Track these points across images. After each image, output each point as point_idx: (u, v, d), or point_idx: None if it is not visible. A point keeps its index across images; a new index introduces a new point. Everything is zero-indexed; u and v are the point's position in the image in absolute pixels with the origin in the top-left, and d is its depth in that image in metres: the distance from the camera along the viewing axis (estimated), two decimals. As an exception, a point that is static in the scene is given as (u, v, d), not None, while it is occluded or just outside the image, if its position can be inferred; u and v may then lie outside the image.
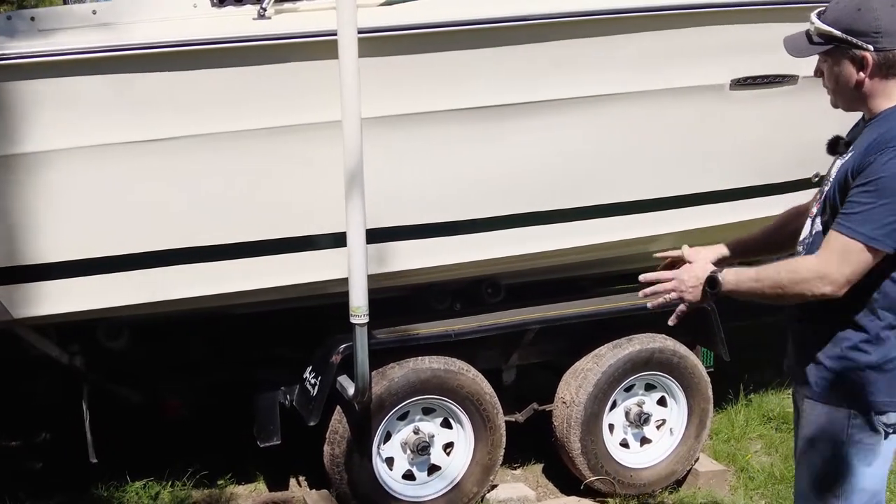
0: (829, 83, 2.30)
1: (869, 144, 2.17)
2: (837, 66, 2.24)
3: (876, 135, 2.18)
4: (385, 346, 3.64)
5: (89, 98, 2.97)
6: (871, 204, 2.12)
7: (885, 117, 2.22)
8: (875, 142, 2.16)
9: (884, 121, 2.21)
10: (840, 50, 2.21)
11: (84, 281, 3.12)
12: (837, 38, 2.20)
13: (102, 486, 3.85)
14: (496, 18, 3.35)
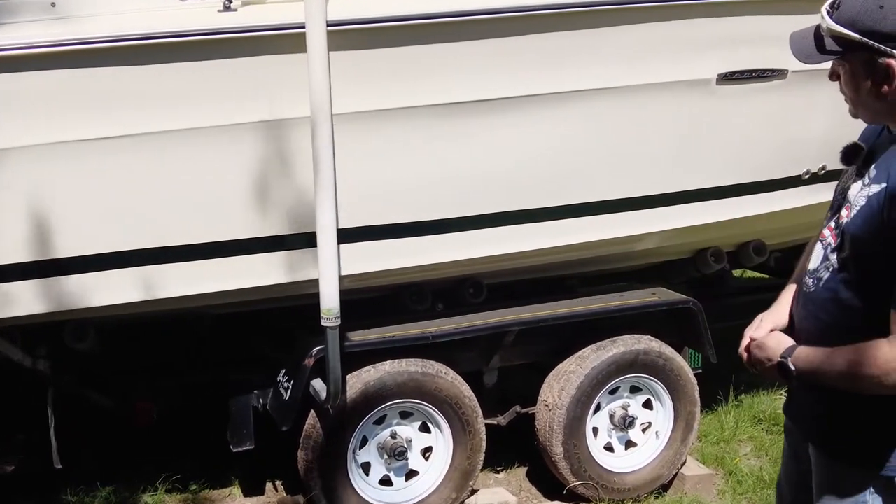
0: (847, 91, 1.98)
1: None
2: (856, 74, 1.92)
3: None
4: (359, 348, 3.54)
5: (47, 94, 2.86)
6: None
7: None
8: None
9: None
10: (860, 55, 1.89)
11: (39, 283, 3.02)
12: (856, 43, 1.87)
13: (70, 492, 3.75)
14: (474, 11, 3.25)
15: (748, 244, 4.51)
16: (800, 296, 2.18)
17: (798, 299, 2.19)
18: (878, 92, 1.90)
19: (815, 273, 2.09)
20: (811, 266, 2.12)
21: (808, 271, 2.14)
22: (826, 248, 2.07)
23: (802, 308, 2.16)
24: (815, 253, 2.13)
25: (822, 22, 1.93)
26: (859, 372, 1.88)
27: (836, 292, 2.01)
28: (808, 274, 2.13)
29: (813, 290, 2.09)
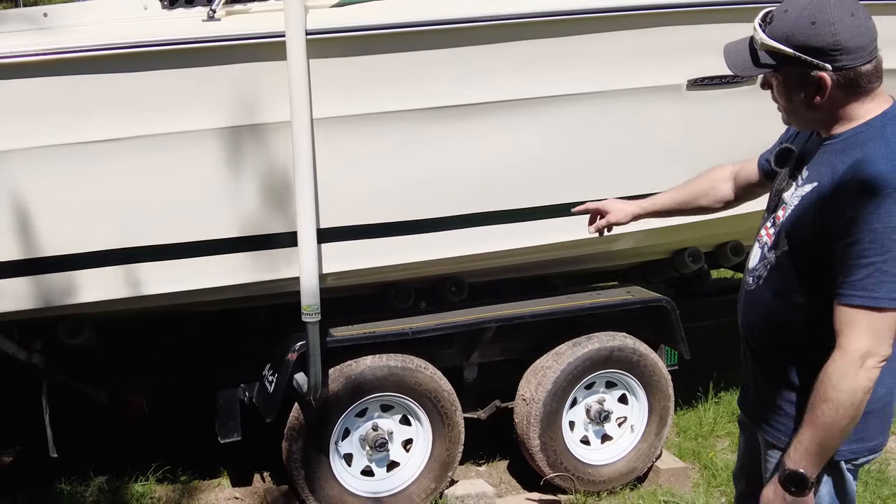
0: (780, 101, 2.08)
1: (839, 184, 1.97)
2: (790, 85, 2.02)
3: (842, 169, 1.98)
4: (341, 343, 3.68)
5: (38, 100, 3.01)
6: (870, 260, 1.89)
7: (847, 142, 2.02)
8: (844, 183, 1.95)
9: (846, 146, 2.01)
10: (793, 68, 1.98)
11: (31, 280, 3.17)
12: (789, 57, 1.96)
13: (65, 481, 3.89)
14: (451, 20, 3.38)
15: (725, 245, 4.64)
16: (742, 294, 2.31)
17: (740, 298, 2.32)
18: (811, 102, 2.01)
19: (755, 271, 2.21)
20: (751, 265, 2.24)
21: (748, 270, 2.26)
22: (763, 247, 2.20)
23: (745, 306, 2.29)
24: (753, 253, 2.25)
25: (755, 35, 2.02)
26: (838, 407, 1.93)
27: (776, 288, 2.14)
28: (748, 273, 2.25)
29: (754, 287, 2.22)
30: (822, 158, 2.06)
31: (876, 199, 1.88)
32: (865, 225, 1.89)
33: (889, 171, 1.92)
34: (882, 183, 1.89)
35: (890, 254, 1.89)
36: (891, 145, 1.97)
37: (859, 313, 1.91)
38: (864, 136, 2.00)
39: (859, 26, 1.95)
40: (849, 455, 2.15)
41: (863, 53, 1.95)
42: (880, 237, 1.88)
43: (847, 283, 1.92)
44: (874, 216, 1.88)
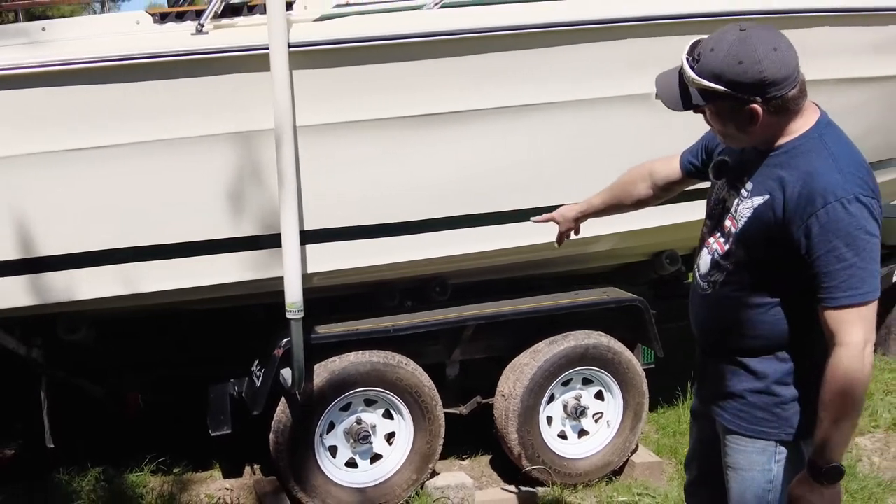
0: (714, 126, 2.22)
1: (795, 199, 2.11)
2: (723, 116, 2.16)
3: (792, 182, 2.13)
4: (326, 340, 3.86)
5: (38, 109, 3.20)
6: (848, 263, 2.07)
7: (790, 154, 2.17)
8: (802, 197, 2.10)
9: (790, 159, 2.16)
10: (725, 102, 2.11)
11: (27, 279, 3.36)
12: (721, 94, 2.09)
13: (63, 472, 4.08)
14: (427, 33, 3.56)
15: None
16: (695, 298, 2.48)
17: (693, 301, 2.49)
18: (745, 129, 2.15)
19: (709, 276, 2.37)
20: (703, 271, 2.40)
21: (700, 275, 2.42)
22: (713, 254, 2.36)
23: (700, 309, 2.45)
24: (702, 259, 2.41)
25: (685, 72, 2.14)
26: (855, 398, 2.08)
27: (736, 292, 2.31)
28: (701, 278, 2.41)
29: (710, 292, 2.38)
30: (767, 171, 2.20)
31: (838, 207, 2.06)
32: (836, 233, 2.06)
33: (842, 180, 2.09)
34: (840, 193, 2.07)
35: (863, 252, 2.07)
36: (835, 156, 2.13)
37: (850, 311, 2.08)
38: (804, 147, 2.16)
39: (783, 58, 2.08)
40: (804, 434, 2.31)
41: (788, 82, 2.10)
42: (852, 240, 2.06)
43: (833, 288, 2.08)
44: (842, 223, 2.06)
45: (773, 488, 2.34)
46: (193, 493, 4.16)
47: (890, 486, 4.35)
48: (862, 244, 2.08)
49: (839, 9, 4.07)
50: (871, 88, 4.30)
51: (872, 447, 4.90)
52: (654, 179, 2.79)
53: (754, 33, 2.09)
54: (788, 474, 2.33)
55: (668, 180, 2.76)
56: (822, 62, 4.09)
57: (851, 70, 4.18)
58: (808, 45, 3.96)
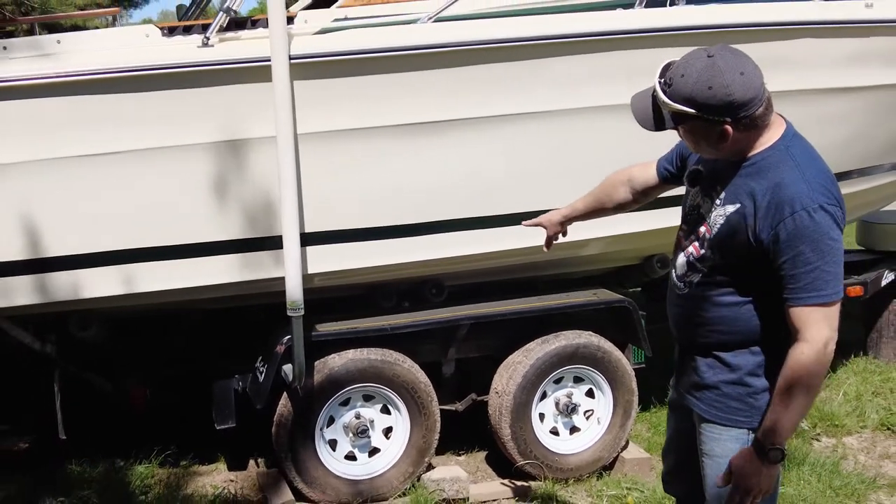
0: (686, 141, 2.41)
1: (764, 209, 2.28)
2: (695, 133, 2.32)
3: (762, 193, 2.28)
4: (325, 338, 4.04)
5: (52, 117, 3.40)
6: (813, 266, 2.23)
7: (758, 167, 2.33)
8: (771, 207, 2.26)
9: (758, 171, 2.32)
10: (697, 122, 2.27)
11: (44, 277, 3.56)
12: (692, 116, 2.25)
13: (74, 463, 4.27)
14: (420, 45, 3.74)
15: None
16: (672, 297, 2.65)
17: (671, 301, 2.67)
18: (716, 145, 2.33)
19: (685, 278, 2.55)
20: (679, 272, 2.59)
21: (677, 276, 2.60)
22: (689, 256, 2.53)
23: (677, 307, 2.63)
24: (679, 261, 2.59)
25: (658, 96, 2.31)
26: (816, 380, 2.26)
27: (710, 292, 2.48)
28: (678, 279, 2.59)
29: (686, 291, 2.56)
30: (739, 181, 2.37)
31: (805, 216, 2.24)
32: (802, 239, 2.23)
33: (808, 190, 2.27)
34: (806, 201, 2.25)
35: (827, 256, 2.24)
36: (801, 167, 2.31)
37: (815, 311, 2.24)
38: (773, 159, 2.34)
39: (749, 81, 2.24)
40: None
41: (755, 102, 2.26)
42: (816, 245, 2.23)
43: (798, 289, 2.25)
44: (808, 230, 2.23)
45: None
46: (199, 484, 4.35)
47: (873, 483, 4.49)
48: (826, 249, 2.25)
49: (820, 21, 4.23)
50: (852, 98, 4.46)
51: (859, 446, 5.03)
52: (633, 185, 2.97)
53: (721, 58, 2.25)
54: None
55: (645, 185, 2.93)
56: (804, 73, 4.26)
57: (833, 80, 4.34)
58: (790, 56, 4.19)
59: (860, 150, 4.77)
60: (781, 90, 4.11)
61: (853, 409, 5.36)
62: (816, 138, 4.41)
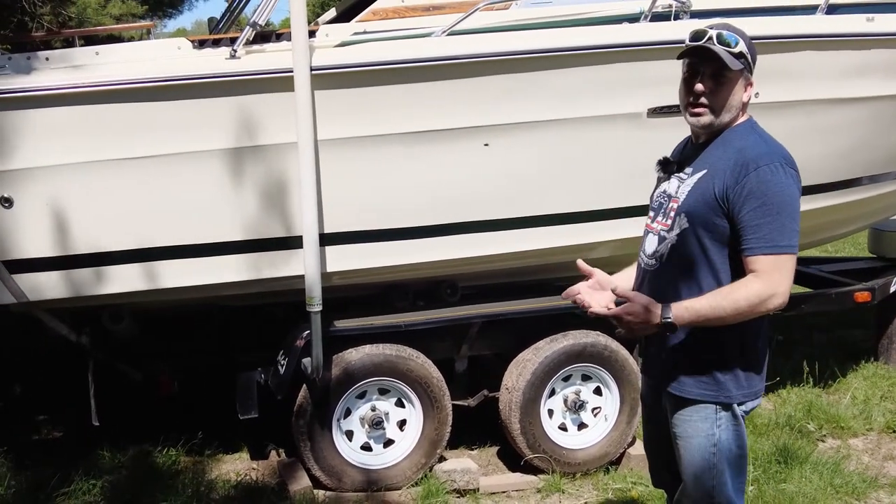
0: (719, 100, 2.57)
1: (731, 167, 2.50)
2: (738, 85, 2.58)
3: (727, 156, 2.54)
4: (343, 333, 4.25)
5: (91, 123, 3.66)
6: (772, 218, 2.44)
7: (724, 139, 2.61)
8: (736, 165, 2.50)
9: (724, 142, 2.60)
10: (742, 71, 2.57)
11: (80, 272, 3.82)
12: (748, 62, 2.57)
13: (105, 449, 4.53)
14: (437, 57, 3.96)
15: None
16: (642, 278, 2.82)
17: (639, 282, 2.84)
18: (740, 99, 2.60)
19: (656, 254, 2.73)
20: (649, 251, 2.77)
21: (646, 255, 2.78)
22: (657, 234, 2.74)
23: (650, 283, 2.78)
24: (647, 242, 2.79)
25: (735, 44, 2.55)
26: (743, 306, 2.46)
27: (681, 259, 2.65)
28: (647, 257, 2.77)
29: (657, 265, 2.73)
30: (706, 154, 2.65)
31: (767, 171, 2.48)
32: (764, 192, 2.46)
33: (767, 151, 2.54)
34: (766, 160, 2.51)
35: (786, 210, 2.47)
36: (762, 136, 2.62)
37: (771, 259, 2.46)
38: (737, 133, 2.62)
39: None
40: (741, 399, 2.69)
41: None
42: (776, 198, 2.46)
43: (758, 238, 2.46)
44: (770, 184, 2.46)
45: (717, 451, 2.70)
46: (223, 470, 4.58)
47: (874, 482, 4.60)
48: (785, 203, 2.47)
49: (822, 34, 4.39)
50: (854, 108, 4.61)
51: (864, 447, 5.15)
52: None
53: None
54: (729, 436, 2.69)
55: None
56: (807, 83, 4.42)
57: (834, 91, 4.49)
58: (793, 67, 4.34)
59: (865, 159, 4.91)
60: (785, 100, 4.35)
61: (860, 412, 5.47)
62: (819, 147, 4.64)
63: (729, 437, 2.70)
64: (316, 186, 3.84)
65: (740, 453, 2.75)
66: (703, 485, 2.73)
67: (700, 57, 2.60)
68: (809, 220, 4.87)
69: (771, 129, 2.72)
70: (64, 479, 4.22)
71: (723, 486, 2.72)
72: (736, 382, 2.67)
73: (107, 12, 8.71)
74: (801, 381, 5.67)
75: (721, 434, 2.70)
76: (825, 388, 5.76)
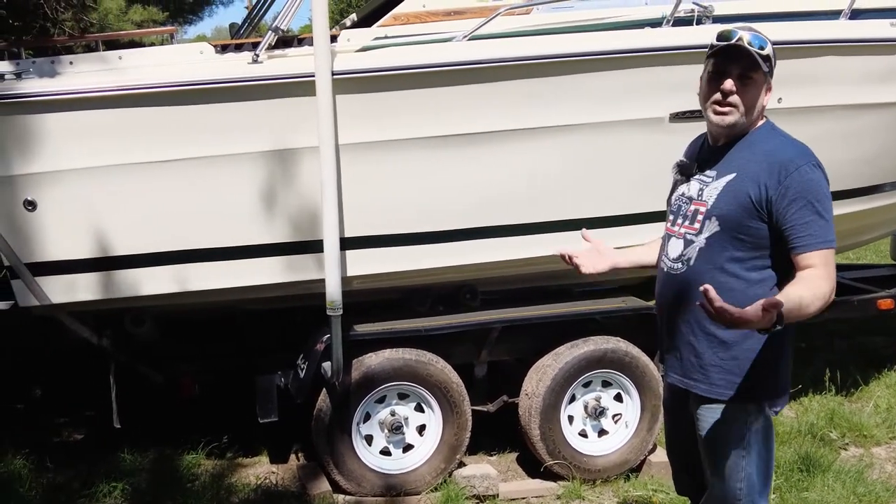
0: (744, 99, 2.59)
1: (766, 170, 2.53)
2: (760, 86, 2.61)
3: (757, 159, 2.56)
4: (363, 337, 4.26)
5: (118, 126, 3.68)
6: (820, 215, 2.50)
7: (747, 142, 2.62)
8: (773, 167, 2.53)
9: (748, 146, 2.61)
10: (766, 75, 2.61)
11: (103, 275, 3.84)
12: (771, 67, 2.61)
13: (126, 451, 4.55)
14: (458, 62, 3.97)
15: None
16: (666, 283, 2.82)
17: (664, 286, 2.83)
18: (761, 102, 2.63)
19: (681, 258, 2.72)
20: (674, 255, 2.75)
21: (671, 259, 2.76)
22: (683, 237, 2.72)
23: (672, 289, 2.79)
24: (671, 246, 2.77)
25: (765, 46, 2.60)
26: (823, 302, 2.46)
27: (711, 263, 2.65)
28: (673, 261, 2.75)
29: (684, 270, 2.72)
30: (730, 157, 2.65)
31: (806, 171, 2.53)
32: (808, 190, 2.50)
33: (800, 152, 2.59)
34: (802, 160, 2.56)
35: (828, 206, 2.52)
36: (786, 137, 2.66)
37: (825, 254, 2.50)
38: (759, 136, 2.65)
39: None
40: (771, 399, 2.70)
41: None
42: (818, 196, 2.51)
43: (808, 236, 2.49)
44: (812, 183, 2.51)
45: (746, 452, 2.69)
46: (243, 474, 4.59)
47: (897, 492, 4.57)
48: (826, 200, 2.54)
49: (845, 39, 4.36)
50: (878, 114, 4.58)
51: (887, 456, 5.10)
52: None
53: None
54: (759, 437, 2.68)
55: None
56: (830, 89, 4.40)
57: (857, 97, 4.47)
58: (816, 73, 4.32)
59: (887, 165, 4.87)
60: (808, 106, 4.33)
61: (883, 420, 5.41)
62: (841, 153, 4.62)
63: (759, 437, 2.70)
64: (337, 190, 3.84)
65: (769, 455, 2.75)
66: (731, 487, 2.73)
67: (728, 57, 2.59)
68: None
69: (793, 134, 2.71)
70: (85, 481, 4.25)
71: (751, 487, 2.72)
72: (765, 382, 2.67)
73: (128, 18, 8.78)
74: (822, 389, 5.62)
75: (752, 435, 2.69)
76: (847, 396, 5.70)
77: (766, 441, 2.72)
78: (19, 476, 4.26)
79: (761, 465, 2.71)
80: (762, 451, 2.72)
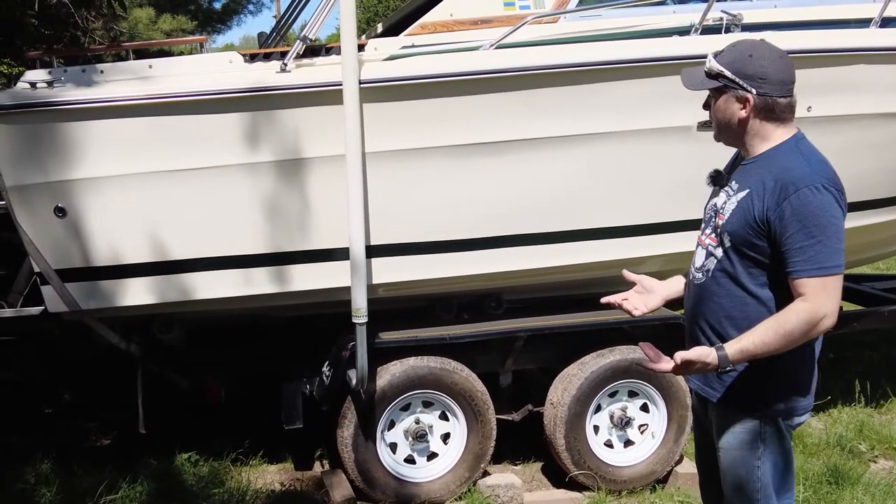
0: (715, 117, 2.64)
1: (770, 189, 2.48)
2: (724, 103, 2.58)
3: (769, 177, 2.50)
4: (388, 345, 4.26)
5: (146, 134, 3.72)
6: (816, 240, 2.42)
7: (768, 158, 2.56)
8: (777, 187, 2.47)
9: (768, 161, 2.55)
10: (729, 89, 2.54)
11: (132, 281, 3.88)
12: (727, 78, 2.53)
13: (153, 456, 4.58)
14: (484, 70, 3.97)
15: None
16: (691, 290, 2.81)
17: (689, 295, 2.83)
18: (738, 118, 2.57)
19: (703, 268, 2.73)
20: (697, 264, 2.76)
21: (695, 268, 2.77)
22: (706, 248, 2.73)
23: (695, 298, 2.78)
24: (697, 255, 2.79)
25: (708, 62, 2.61)
26: (797, 332, 2.45)
27: (723, 277, 2.64)
28: (695, 270, 2.76)
29: (704, 279, 2.72)
30: (748, 171, 2.61)
31: (808, 193, 2.46)
32: (806, 214, 2.43)
33: (810, 172, 2.50)
34: (808, 181, 2.48)
35: (829, 231, 2.44)
36: (805, 155, 2.56)
37: (818, 281, 2.44)
38: (781, 152, 2.57)
39: (785, 68, 2.55)
40: (786, 415, 2.66)
41: (782, 88, 2.54)
42: (818, 220, 2.43)
43: (803, 261, 2.44)
44: (811, 206, 2.44)
45: (761, 464, 2.67)
46: (268, 480, 4.61)
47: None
48: (827, 224, 2.44)
49: (874, 48, 4.32)
50: None
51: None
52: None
53: (770, 43, 2.59)
54: (774, 450, 2.66)
55: None
56: (860, 97, 4.36)
57: (888, 105, 4.42)
58: (846, 81, 4.29)
59: None
60: (837, 114, 4.29)
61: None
62: (871, 162, 4.57)
63: (774, 450, 2.68)
64: (363, 198, 3.85)
65: (786, 468, 2.72)
66: (747, 499, 2.71)
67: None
68: (861, 237, 4.81)
69: (823, 143, 2.68)
70: (111, 485, 4.27)
71: (768, 499, 2.69)
72: (783, 396, 2.64)
73: (157, 27, 8.89)
74: (851, 401, 5.55)
75: (765, 447, 2.67)
76: (877, 408, 5.63)
77: (782, 453, 2.69)
78: (46, 479, 4.31)
79: (776, 475, 2.69)
80: (778, 461, 2.69)
